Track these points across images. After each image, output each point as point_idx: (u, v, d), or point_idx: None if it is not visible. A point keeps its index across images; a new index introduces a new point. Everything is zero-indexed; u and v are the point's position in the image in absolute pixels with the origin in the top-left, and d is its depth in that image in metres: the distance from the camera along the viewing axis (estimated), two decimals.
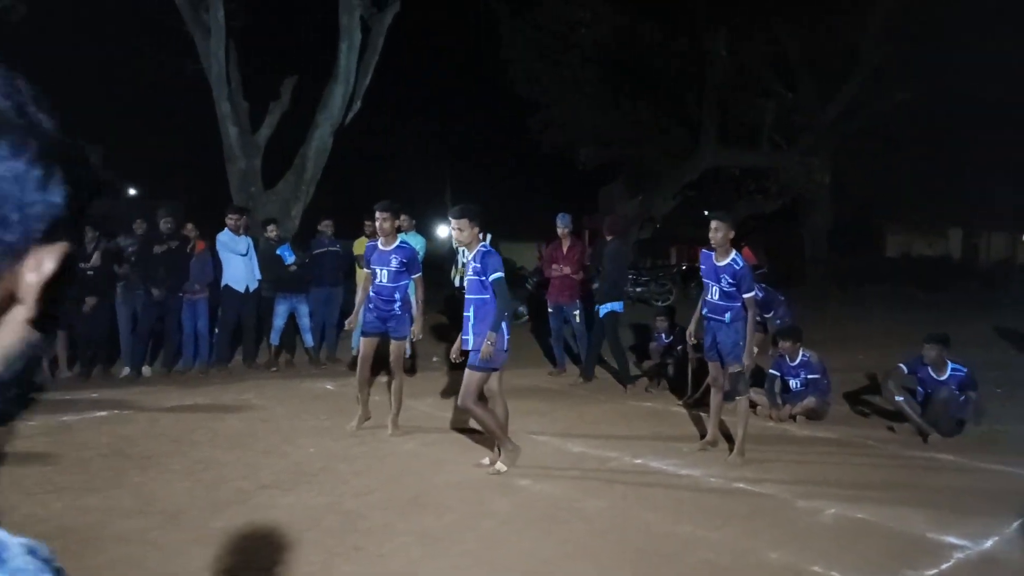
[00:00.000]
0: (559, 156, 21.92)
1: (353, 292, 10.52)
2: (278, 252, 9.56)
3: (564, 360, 9.69)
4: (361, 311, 6.96)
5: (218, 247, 9.31)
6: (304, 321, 9.70)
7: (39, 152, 0.60)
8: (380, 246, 6.79)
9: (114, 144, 33.38)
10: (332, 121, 12.63)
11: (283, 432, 6.88)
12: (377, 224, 6.78)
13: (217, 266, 9.37)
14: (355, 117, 13.12)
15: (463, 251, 8.44)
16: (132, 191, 34.66)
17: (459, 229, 5.76)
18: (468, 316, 5.78)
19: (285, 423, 7.21)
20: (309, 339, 9.81)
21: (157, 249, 8.97)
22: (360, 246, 10.33)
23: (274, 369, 9.60)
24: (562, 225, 9.47)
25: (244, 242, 9.36)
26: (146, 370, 9.14)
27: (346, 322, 7.39)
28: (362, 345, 6.83)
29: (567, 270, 9.34)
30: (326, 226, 10.34)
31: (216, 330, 9.48)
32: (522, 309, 13.82)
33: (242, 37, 12.96)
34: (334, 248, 10.22)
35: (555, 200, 21.23)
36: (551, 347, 9.94)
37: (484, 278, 5.68)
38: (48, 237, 0.62)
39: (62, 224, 0.62)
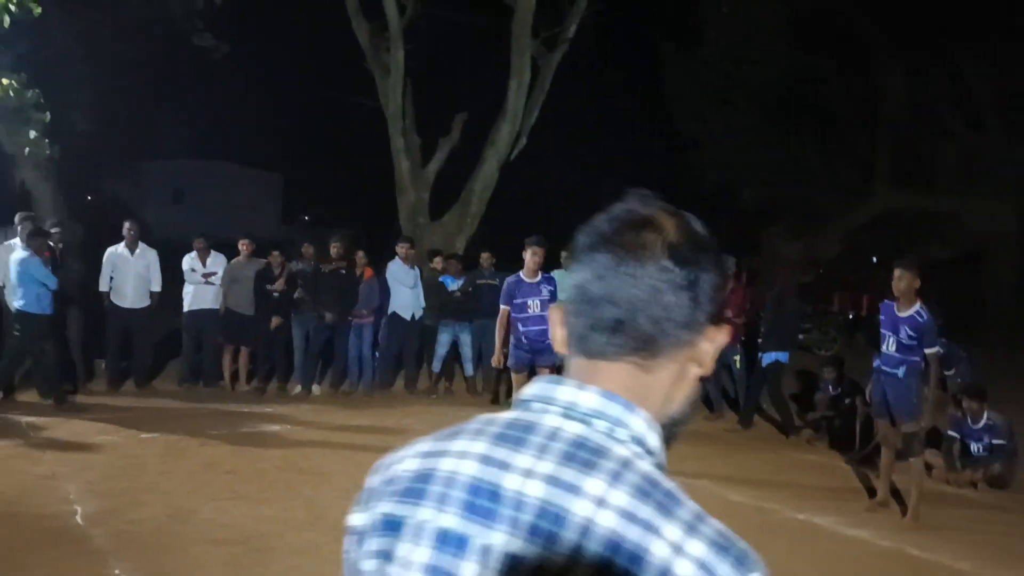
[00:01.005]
0: (720, 195, 21.53)
1: None
2: (441, 280, 9.88)
3: (721, 404, 9.46)
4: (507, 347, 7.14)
5: (388, 275, 9.72)
6: (466, 351, 9.92)
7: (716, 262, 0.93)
8: (526, 279, 6.93)
9: (292, 173, 35.60)
10: (499, 157, 12.97)
11: None
12: (530, 258, 6.93)
13: (384, 292, 9.75)
14: (520, 153, 13.43)
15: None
16: (306, 217, 36.68)
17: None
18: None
19: None
20: (470, 368, 10.03)
21: (324, 268, 9.46)
22: None
23: (434, 396, 9.87)
24: (726, 268, 9.31)
25: (413, 275, 9.74)
26: (315, 389, 9.61)
27: (492, 360, 7.56)
28: (515, 381, 6.96)
29: (729, 313, 9.16)
30: (486, 259, 10.55)
31: (377, 354, 9.86)
32: None
33: (417, 75, 13.55)
34: (493, 281, 10.40)
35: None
36: (707, 390, 9.72)
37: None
38: (715, 319, 0.92)
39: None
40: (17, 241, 8.34)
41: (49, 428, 7.30)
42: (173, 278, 9.61)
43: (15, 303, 7.88)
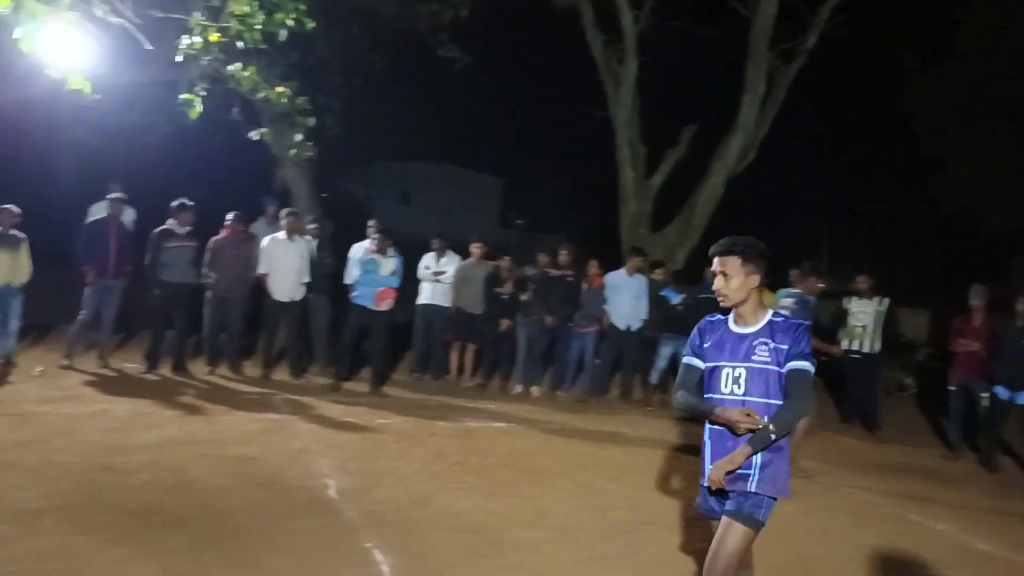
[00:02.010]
0: (962, 219, 19.95)
1: None
2: (663, 293, 9.87)
3: (961, 444, 8.79)
4: None
5: (607, 284, 9.83)
6: None
7: None
8: None
9: (512, 178, 36.64)
10: (726, 170, 12.77)
11: (662, 472, 7.05)
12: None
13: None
14: (747, 167, 13.14)
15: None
16: (519, 222, 37.60)
17: (724, 274, 3.46)
18: (746, 435, 3.33)
19: (662, 463, 7.39)
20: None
21: (552, 274, 9.70)
22: None
23: (649, 408, 9.87)
24: (976, 298, 8.67)
25: (637, 285, 9.80)
26: (534, 390, 9.89)
27: None
28: None
29: (976, 346, 8.52)
30: (711, 273, 10.45)
31: (597, 361, 10.00)
32: (908, 381, 12.88)
33: (646, 87, 13.59)
34: (716, 297, 10.32)
35: (951, 267, 19.33)
36: (944, 426, 9.11)
37: (780, 367, 3.32)
38: None
39: None
40: (283, 234, 9.22)
41: (300, 407, 8.00)
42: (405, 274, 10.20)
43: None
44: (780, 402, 3.29)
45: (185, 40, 7.55)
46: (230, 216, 9.24)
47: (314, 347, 9.88)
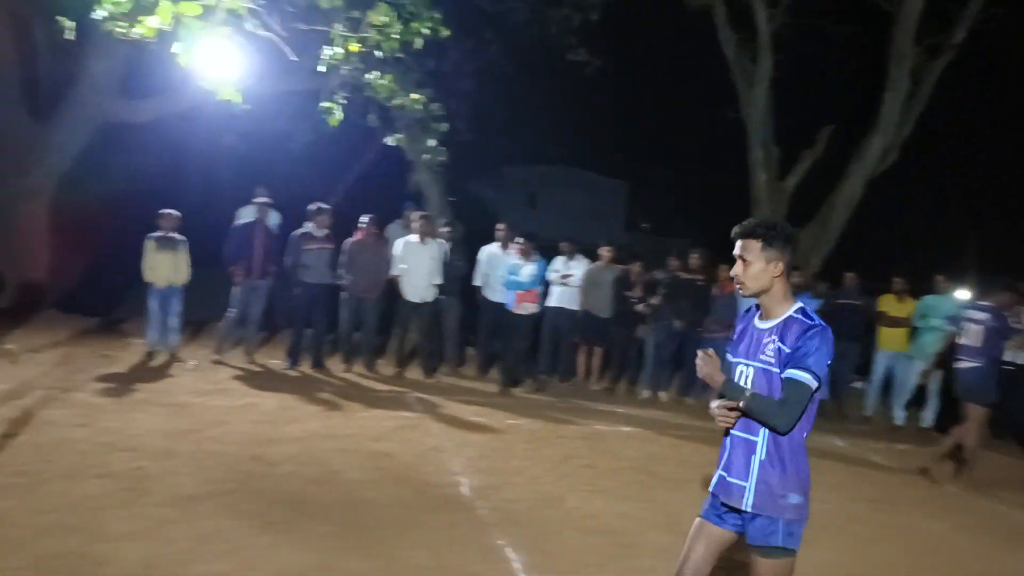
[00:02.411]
0: None
1: (870, 350, 10.18)
2: (799, 299, 9.57)
3: None
4: None
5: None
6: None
7: None
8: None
9: (637, 181, 36.37)
10: (865, 172, 12.28)
11: None
12: None
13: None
14: (888, 168, 12.60)
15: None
16: (644, 225, 37.26)
17: (743, 259, 3.07)
18: (740, 442, 3.11)
19: None
20: (824, 391, 9.61)
21: (682, 277, 9.58)
22: (886, 303, 9.93)
23: None
24: None
25: None
26: (662, 395, 9.79)
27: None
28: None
29: None
30: (850, 278, 10.20)
31: None
32: None
33: (780, 86, 13.23)
34: (857, 302, 10.01)
35: None
36: None
37: (782, 370, 2.95)
38: None
39: None
40: (415, 237, 9.48)
41: (432, 405, 8.20)
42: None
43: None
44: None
45: (327, 51, 7.85)
46: (364, 219, 9.57)
47: (445, 347, 10.11)
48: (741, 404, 2.95)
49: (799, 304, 3.04)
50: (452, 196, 12.89)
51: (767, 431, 2.97)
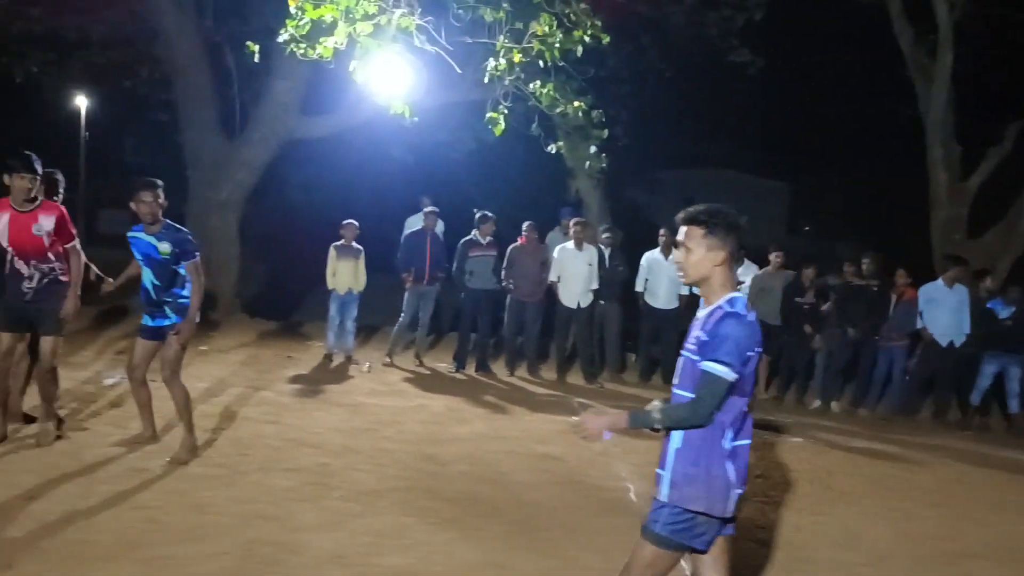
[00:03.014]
0: None
1: None
2: (989, 305, 8.97)
3: None
4: None
5: (921, 297, 9.12)
6: (1013, 385, 8.90)
7: None
8: None
9: (799, 183, 35.06)
10: None
11: (984, 501, 6.42)
12: None
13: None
14: None
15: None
16: (807, 228, 35.92)
17: (685, 246, 2.95)
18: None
19: (983, 491, 6.73)
20: (1014, 406, 8.98)
21: (854, 283, 9.18)
22: None
23: (967, 432, 9.01)
24: None
25: (957, 296, 8.99)
26: (834, 405, 9.41)
27: None
28: None
29: None
30: None
31: (907, 378, 9.30)
32: None
33: (962, 79, 12.45)
34: None
35: None
36: None
37: (699, 359, 2.85)
38: None
39: None
40: (571, 244, 9.55)
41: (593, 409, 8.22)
42: None
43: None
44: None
45: (491, 62, 8.04)
46: (525, 225, 9.74)
47: (606, 352, 10.13)
48: (657, 427, 2.88)
49: (732, 295, 2.91)
50: (610, 202, 12.91)
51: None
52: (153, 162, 21.11)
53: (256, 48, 7.99)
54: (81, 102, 21.52)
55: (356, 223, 9.43)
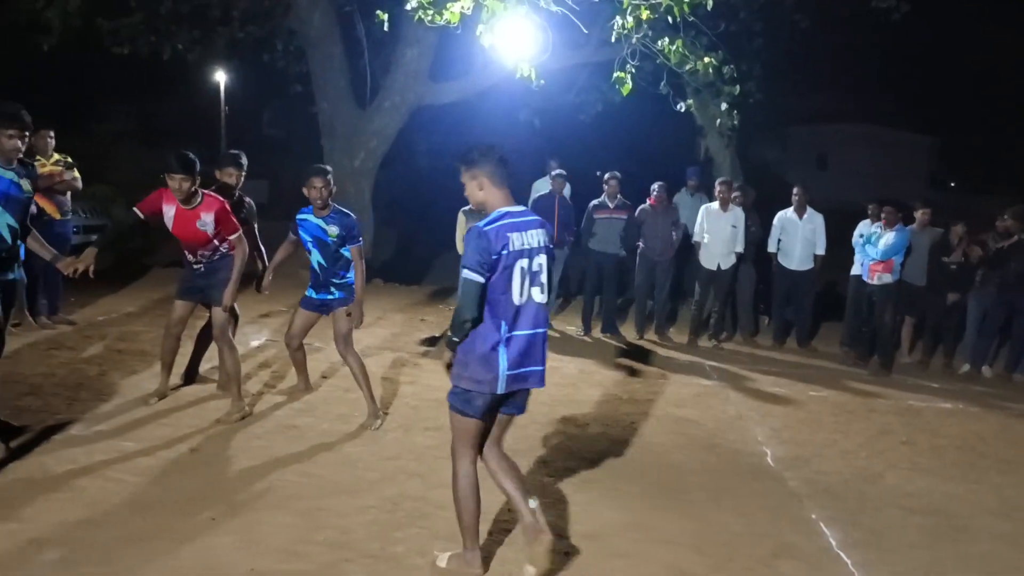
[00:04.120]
0: None
1: None
2: None
3: None
4: None
5: None
6: None
7: None
8: None
9: (946, 136, 33.10)
10: None
11: None
12: None
13: None
14: None
15: None
16: (952, 184, 33.98)
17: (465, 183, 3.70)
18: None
19: None
20: None
21: (1002, 244, 8.63)
22: None
23: None
24: None
25: None
26: (985, 370, 8.92)
27: None
28: None
29: None
30: None
31: None
32: None
33: None
34: None
35: None
36: None
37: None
38: None
39: None
40: (716, 204, 9.34)
41: (729, 374, 8.11)
42: (835, 242, 9.72)
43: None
44: None
45: (618, 20, 7.91)
46: (655, 186, 9.60)
47: (738, 315, 9.92)
48: (454, 337, 3.59)
49: (496, 212, 3.58)
50: (740, 160, 12.54)
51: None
52: (289, 133, 21.97)
53: (385, 17, 8.16)
54: (221, 77, 22.49)
55: None
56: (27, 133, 4.57)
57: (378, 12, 8.21)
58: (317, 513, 4.17)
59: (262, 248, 6.35)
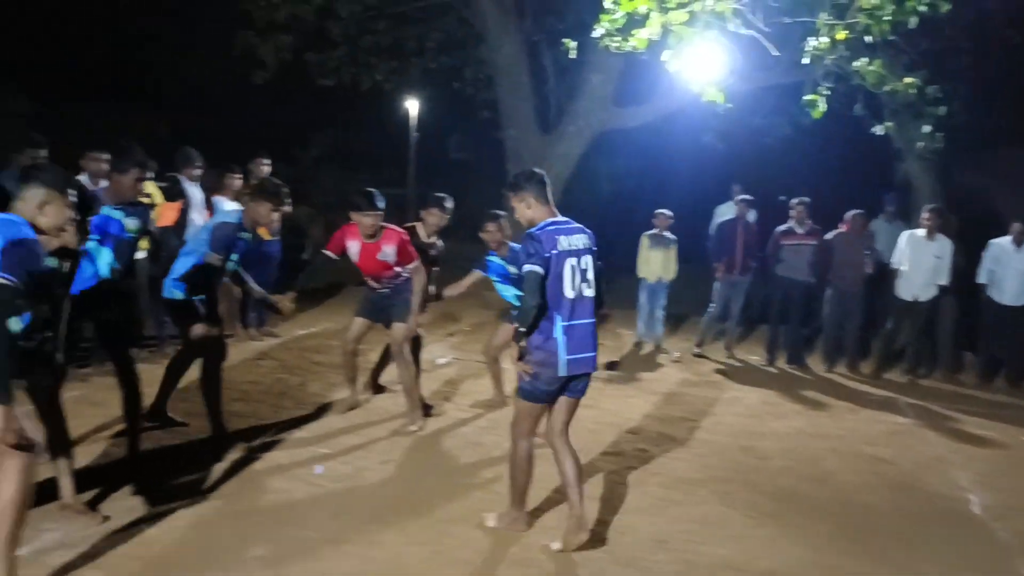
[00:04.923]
0: None
1: None
2: None
3: None
4: None
5: None
6: None
7: None
8: None
9: None
10: None
11: None
12: None
13: None
14: None
15: None
16: None
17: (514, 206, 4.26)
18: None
19: None
20: None
21: None
22: None
23: None
24: None
25: None
26: None
27: None
28: None
29: None
30: None
31: None
32: None
33: None
34: None
35: None
36: None
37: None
38: None
39: None
40: (922, 231, 8.77)
41: (927, 412, 7.59)
42: None
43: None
44: None
45: (811, 42, 7.66)
46: (849, 213, 9.18)
47: (938, 350, 9.28)
48: (520, 327, 4.03)
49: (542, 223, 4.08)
50: (942, 185, 11.78)
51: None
52: (476, 158, 22.70)
53: (573, 45, 8.30)
54: (412, 104, 23.57)
55: (669, 212, 9.46)
56: (147, 175, 4.97)
57: (565, 40, 8.36)
58: (498, 532, 4.28)
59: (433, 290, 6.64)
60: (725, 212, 10.46)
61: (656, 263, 9.34)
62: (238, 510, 4.35)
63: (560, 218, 4.12)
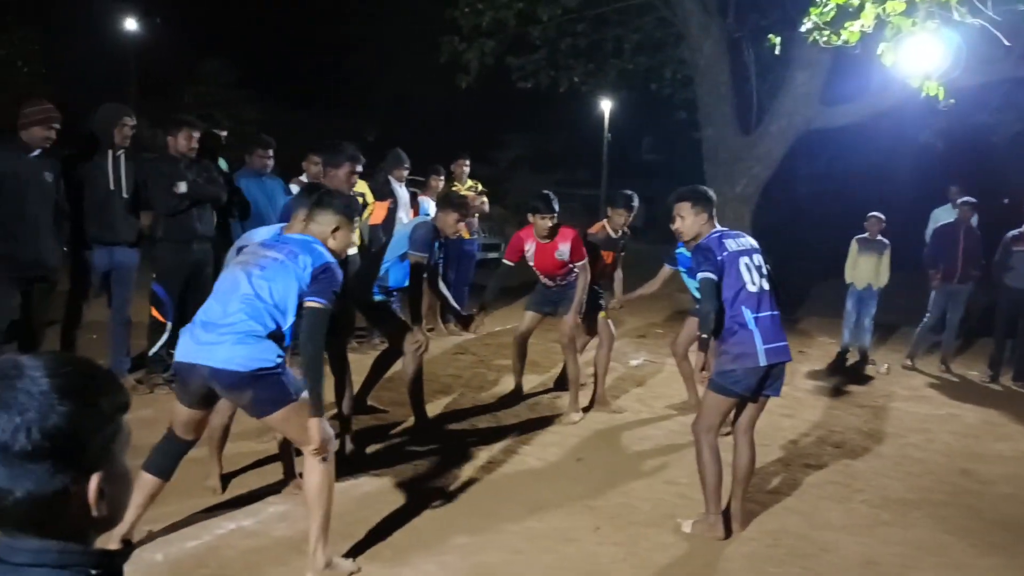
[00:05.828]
0: None
1: None
2: None
3: None
4: None
5: None
6: None
7: None
8: None
9: None
10: None
11: None
12: None
13: None
14: None
15: None
16: None
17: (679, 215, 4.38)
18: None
19: None
20: None
21: None
22: None
23: None
24: None
25: None
26: None
27: None
28: None
29: None
30: None
31: None
32: None
33: None
34: None
35: None
36: None
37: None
38: None
39: None
40: None
41: None
42: None
43: None
44: None
45: None
46: None
47: None
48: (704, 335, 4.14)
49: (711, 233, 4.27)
50: None
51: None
52: (668, 159, 22.45)
53: (777, 41, 8.00)
54: (606, 106, 23.64)
55: (881, 216, 8.91)
56: (359, 167, 5.10)
57: (770, 36, 8.07)
58: (693, 537, 4.20)
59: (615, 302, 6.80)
60: (942, 216, 9.74)
61: (866, 268, 8.83)
62: (437, 497, 4.52)
63: (722, 228, 4.35)
